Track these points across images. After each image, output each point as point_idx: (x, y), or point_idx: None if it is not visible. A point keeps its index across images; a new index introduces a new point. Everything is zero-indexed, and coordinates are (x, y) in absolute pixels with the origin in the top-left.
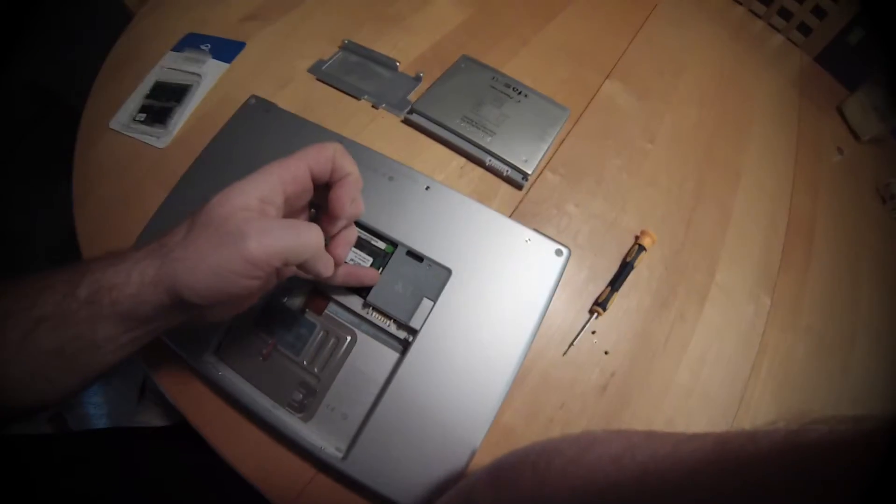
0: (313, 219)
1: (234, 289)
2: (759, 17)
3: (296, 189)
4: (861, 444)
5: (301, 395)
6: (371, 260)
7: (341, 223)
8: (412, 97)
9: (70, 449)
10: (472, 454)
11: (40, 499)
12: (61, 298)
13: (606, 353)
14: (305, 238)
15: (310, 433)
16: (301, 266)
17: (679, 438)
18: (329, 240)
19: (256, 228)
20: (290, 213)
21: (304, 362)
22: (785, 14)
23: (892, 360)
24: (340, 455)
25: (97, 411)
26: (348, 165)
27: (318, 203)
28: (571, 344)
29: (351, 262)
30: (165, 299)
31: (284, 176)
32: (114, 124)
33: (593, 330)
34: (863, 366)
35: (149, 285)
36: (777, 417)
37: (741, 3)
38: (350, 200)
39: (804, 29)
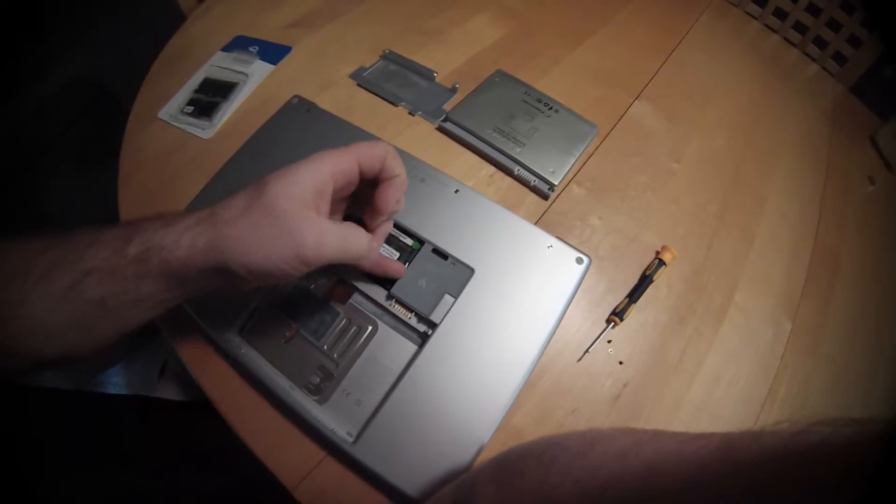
0: (350, 206)
1: (280, 275)
2: (794, 45)
3: (343, 182)
4: (864, 446)
5: (318, 379)
6: (398, 255)
7: (383, 219)
8: (447, 107)
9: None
10: (480, 450)
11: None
12: (111, 254)
13: (621, 363)
14: (354, 247)
15: (323, 416)
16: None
17: (685, 437)
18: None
19: (315, 232)
20: (333, 201)
21: (325, 347)
22: (820, 43)
23: None
24: (351, 440)
25: (116, 391)
26: (398, 167)
27: (359, 194)
28: (587, 351)
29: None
30: (212, 266)
31: (335, 168)
32: (162, 115)
33: (609, 339)
34: (884, 404)
35: (200, 252)
36: (782, 419)
37: (776, 32)
38: (395, 200)
39: (839, 58)
